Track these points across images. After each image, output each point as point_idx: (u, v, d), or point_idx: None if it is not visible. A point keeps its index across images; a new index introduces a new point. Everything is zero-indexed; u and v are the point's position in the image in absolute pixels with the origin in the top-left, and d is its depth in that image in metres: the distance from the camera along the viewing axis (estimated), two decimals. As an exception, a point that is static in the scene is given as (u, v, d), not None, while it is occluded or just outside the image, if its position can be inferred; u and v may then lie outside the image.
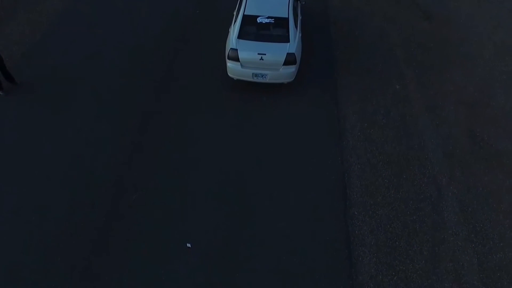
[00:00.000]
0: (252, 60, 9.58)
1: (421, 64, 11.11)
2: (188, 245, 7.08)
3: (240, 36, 9.68)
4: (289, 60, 9.57)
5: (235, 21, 10.11)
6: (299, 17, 10.61)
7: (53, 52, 11.11)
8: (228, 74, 10.02)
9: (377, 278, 6.75)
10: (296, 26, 9.93)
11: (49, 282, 6.55)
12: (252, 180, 8.15)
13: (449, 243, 7.19)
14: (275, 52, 9.54)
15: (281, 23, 9.79)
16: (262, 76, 9.71)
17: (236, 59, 9.65)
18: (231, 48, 9.66)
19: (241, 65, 9.69)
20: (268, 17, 9.86)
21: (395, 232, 7.37)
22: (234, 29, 9.83)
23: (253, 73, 9.68)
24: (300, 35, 10.27)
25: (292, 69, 9.68)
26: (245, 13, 9.95)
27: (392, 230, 7.39)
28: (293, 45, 9.65)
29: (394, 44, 11.84)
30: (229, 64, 9.80)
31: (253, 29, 9.75)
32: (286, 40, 9.67)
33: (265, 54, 9.47)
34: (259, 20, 9.82)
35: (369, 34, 12.30)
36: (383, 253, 7.07)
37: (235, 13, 10.66)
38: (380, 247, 7.16)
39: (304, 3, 12.22)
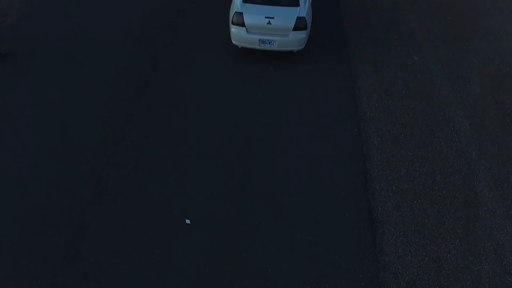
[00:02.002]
0: (259, 25, 8.71)
1: (440, 37, 10.28)
2: (187, 221, 6.17)
3: (246, -2, 8.83)
4: (299, 25, 8.71)
5: (240, -17, 9.25)
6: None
7: (45, 25, 10.22)
8: (232, 41, 9.15)
9: (405, 259, 5.87)
10: (306, -11, 9.09)
11: (29, 261, 5.64)
12: (261, 150, 7.25)
13: (485, 221, 6.32)
14: (284, 16, 8.68)
15: (290, -16, 8.94)
16: (269, 43, 8.83)
17: (241, 24, 8.77)
18: (235, 12, 8.79)
19: (247, 31, 8.81)
20: (276, -22, 9.00)
21: (423, 208, 6.49)
22: (239, -9, 8.97)
23: (260, 40, 8.80)
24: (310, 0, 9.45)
25: (302, 35, 8.82)
26: (251, -26, 9.08)
27: (420, 206, 6.52)
28: (303, 9, 8.79)
29: (409, 17, 11.02)
30: (234, 30, 8.93)
31: (259, -9, 8.90)
32: (296, 3, 8.80)
33: (273, 18, 8.61)
34: (266, -19, 8.96)
35: (382, 6, 11.47)
36: (411, 231, 6.20)
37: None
38: (407, 224, 6.28)
39: None
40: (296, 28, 8.71)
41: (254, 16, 8.68)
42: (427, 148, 7.45)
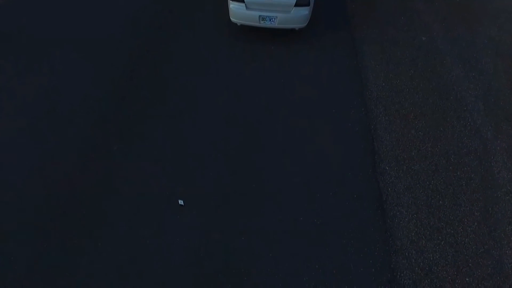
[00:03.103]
0: (259, 1, 8.19)
1: (448, 18, 9.77)
2: (180, 202, 5.65)
3: (245, -29, 8.31)
4: (302, 1, 8.22)
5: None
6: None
7: (33, 6, 9.73)
8: (231, 18, 8.61)
9: (420, 243, 5.36)
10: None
11: (18, 236, 5.12)
12: (262, 130, 6.74)
13: (504, 203, 5.82)
14: (286, -10, 8.19)
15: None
16: (270, 20, 8.31)
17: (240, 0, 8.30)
18: (234, -13, 8.29)
19: (246, 7, 8.28)
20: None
21: (436, 189, 5.99)
22: (238, -36, 8.45)
23: (260, 16, 8.27)
24: (313, -25, 8.96)
25: (305, 11, 8.29)
26: None
27: (433, 188, 6.01)
28: (306, -17, 8.31)
29: (415, -2, 10.57)
30: (232, 6, 8.40)
31: (259, -36, 8.38)
32: (298, -23, 8.33)
33: (273, -7, 8.13)
34: (266, -46, 8.45)
35: (387, -12, 11.01)
36: (425, 213, 5.69)
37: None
38: (420, 206, 5.77)
39: None
40: (298, 4, 8.18)
41: (254, -10, 8.19)
42: (439, 128, 6.94)
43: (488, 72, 8.12)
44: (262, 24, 8.40)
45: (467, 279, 5.01)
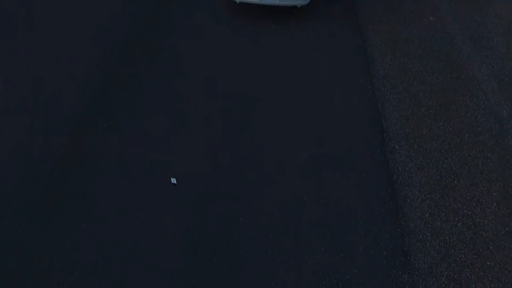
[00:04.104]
0: (258, -25, 7.78)
1: (456, -2, 9.41)
2: (173, 180, 5.19)
3: None
4: (304, -25, 7.79)
5: None
6: None
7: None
8: (228, -5, 8.22)
9: (434, 224, 4.91)
10: None
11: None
12: (262, 106, 6.27)
13: (524, 183, 5.41)
14: (287, -36, 7.75)
15: None
16: (270, -4, 7.89)
17: (238, -26, 7.84)
18: (231, -39, 7.85)
19: (245, -18, 7.89)
20: None
21: (451, 169, 5.54)
22: None
23: (259, -8, 7.87)
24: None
25: (307, -13, 7.90)
26: None
27: (447, 167, 5.56)
28: (308, -43, 7.87)
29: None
30: (229, -19, 7.99)
31: None
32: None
33: (274, -34, 7.69)
34: None
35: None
36: (439, 194, 5.24)
37: None
38: (433, 186, 5.32)
39: None
40: (300, -21, 7.79)
41: (253, -36, 7.74)
42: (450, 106, 6.50)
43: (501, 51, 7.67)
44: (262, 1, 7.94)
45: (488, 263, 4.55)
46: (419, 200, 5.17)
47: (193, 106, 6.28)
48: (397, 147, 5.82)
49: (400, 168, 5.53)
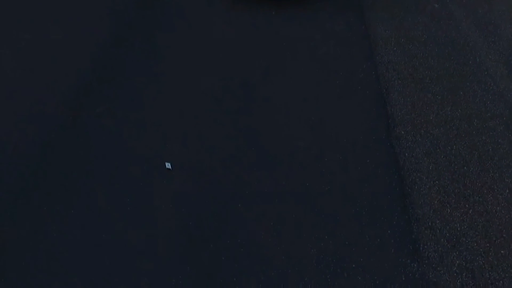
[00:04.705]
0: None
1: (461, -14, 9.17)
2: (168, 165, 4.92)
3: None
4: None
5: None
6: None
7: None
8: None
9: (444, 212, 4.64)
10: None
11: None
12: (261, 92, 6.00)
13: (538, 170, 5.15)
14: None
15: None
16: (269, -20, 7.65)
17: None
18: None
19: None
20: None
21: (460, 155, 5.27)
22: None
23: (257, -24, 7.63)
24: None
25: (307, -29, 7.66)
26: None
27: (456, 153, 5.30)
28: None
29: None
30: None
31: None
32: None
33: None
34: None
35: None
36: (448, 180, 4.97)
37: None
38: (441, 172, 5.05)
39: None
40: (300, -37, 7.56)
41: None
42: (458, 92, 6.24)
43: (509, 38, 7.41)
44: (261, -14, 7.72)
45: (502, 251, 4.28)
46: (427, 186, 4.89)
47: (189, 91, 6.02)
48: (403, 132, 5.56)
49: (406, 154, 5.27)
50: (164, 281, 3.98)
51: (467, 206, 4.70)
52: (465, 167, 5.11)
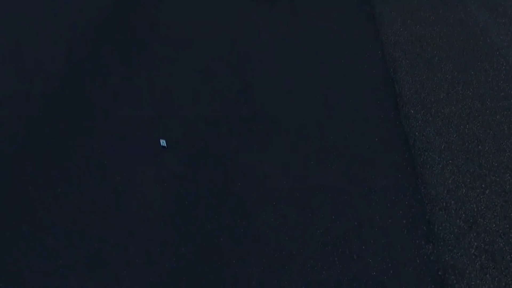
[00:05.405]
0: None
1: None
2: (162, 142, 4.59)
3: None
4: None
5: None
6: None
7: None
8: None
9: (459, 192, 4.33)
10: None
11: None
12: (263, 70, 5.68)
13: (556, 149, 4.84)
14: None
15: None
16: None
17: None
18: None
19: None
20: None
21: (473, 134, 4.96)
22: None
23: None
24: None
25: (310, -51, 7.35)
26: None
27: (469, 132, 4.99)
28: None
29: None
30: None
31: None
32: None
33: None
34: None
35: None
36: (462, 159, 4.66)
37: None
38: (455, 152, 4.74)
39: None
40: None
41: None
42: (468, 71, 5.93)
43: (519, 19, 7.18)
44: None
45: (523, 232, 3.99)
46: (440, 166, 4.58)
47: (186, 66, 5.71)
48: (412, 111, 5.24)
49: (417, 133, 4.95)
50: (155, 264, 3.66)
51: (483, 186, 4.38)
52: (479, 146, 4.80)
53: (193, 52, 6.16)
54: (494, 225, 4.04)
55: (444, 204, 4.22)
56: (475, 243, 3.91)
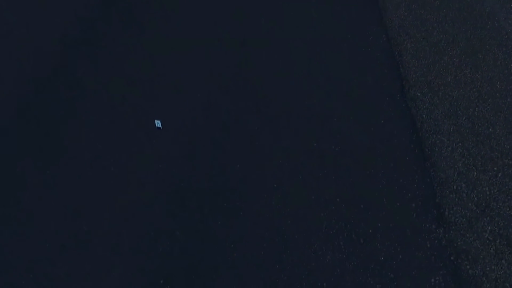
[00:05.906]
0: None
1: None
2: (157, 123, 4.36)
3: None
4: None
5: None
6: None
7: None
8: None
9: (470, 175, 4.10)
10: None
11: None
12: (265, 52, 5.45)
13: None
14: None
15: None
16: None
17: None
18: None
19: None
20: None
21: (483, 116, 4.74)
22: None
23: None
24: None
25: None
26: None
27: (479, 115, 4.76)
28: None
29: None
30: None
31: None
32: None
33: None
34: None
35: None
36: (472, 142, 4.44)
37: None
38: (464, 135, 4.53)
39: None
40: None
41: None
42: (476, 55, 5.71)
43: (527, 4, 6.97)
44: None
45: (539, 216, 3.77)
46: (449, 148, 4.36)
47: (185, 45, 5.47)
48: (419, 94, 5.02)
49: (424, 116, 4.72)
50: (150, 246, 3.44)
51: (495, 169, 4.16)
52: (490, 129, 4.58)
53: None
54: (508, 209, 3.82)
55: (455, 187, 3.99)
56: (489, 227, 3.68)
